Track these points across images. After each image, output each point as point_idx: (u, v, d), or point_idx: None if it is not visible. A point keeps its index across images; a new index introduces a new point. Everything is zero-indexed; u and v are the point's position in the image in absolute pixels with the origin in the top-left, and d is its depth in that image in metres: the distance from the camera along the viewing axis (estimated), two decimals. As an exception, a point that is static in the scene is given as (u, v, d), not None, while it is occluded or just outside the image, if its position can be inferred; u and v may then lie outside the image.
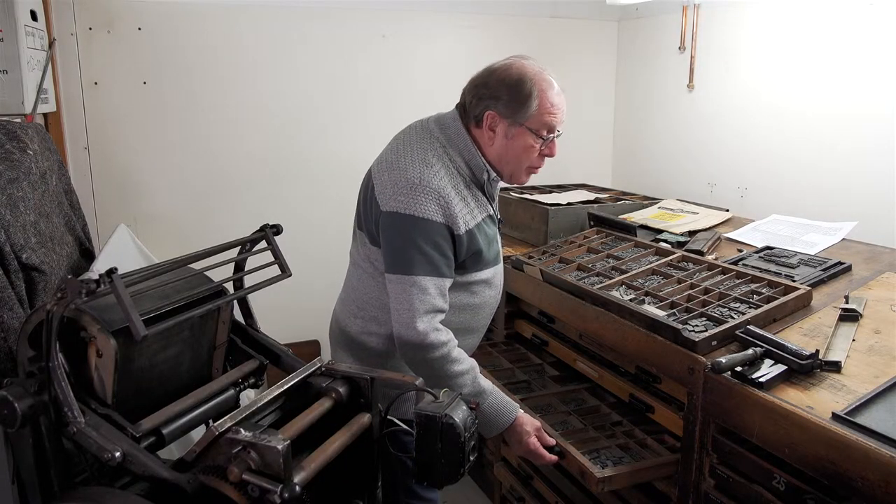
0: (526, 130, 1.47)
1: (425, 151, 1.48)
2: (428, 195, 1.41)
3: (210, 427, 1.03)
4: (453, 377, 1.45)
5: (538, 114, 1.46)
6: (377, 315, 1.56)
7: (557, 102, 1.49)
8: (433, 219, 1.41)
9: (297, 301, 2.64)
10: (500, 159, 1.52)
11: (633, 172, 3.19)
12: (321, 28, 2.64)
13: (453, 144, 1.51)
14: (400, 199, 1.42)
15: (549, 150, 1.53)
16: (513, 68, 1.48)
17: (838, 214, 2.10)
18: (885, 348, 1.34)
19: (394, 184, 1.45)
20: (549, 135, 1.50)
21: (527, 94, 1.45)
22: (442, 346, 1.43)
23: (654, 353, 1.53)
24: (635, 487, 1.64)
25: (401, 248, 1.42)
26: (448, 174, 1.46)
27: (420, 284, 1.41)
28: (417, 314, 1.41)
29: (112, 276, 1.04)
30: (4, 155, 1.53)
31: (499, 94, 1.47)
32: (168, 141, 2.52)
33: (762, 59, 2.44)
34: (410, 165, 1.45)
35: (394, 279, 1.44)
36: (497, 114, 1.47)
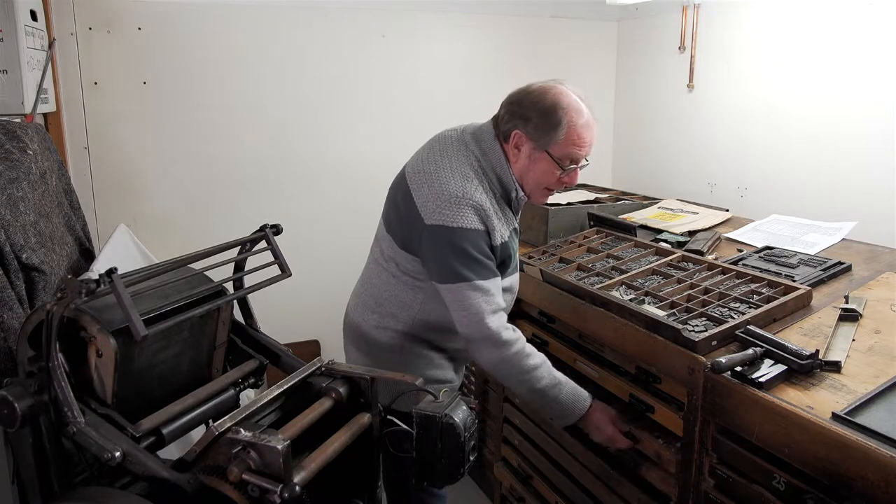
0: (548, 157, 1.50)
1: (462, 164, 1.52)
2: (470, 208, 1.46)
3: (210, 427, 1.03)
4: (530, 370, 1.50)
5: (563, 143, 1.49)
6: (395, 312, 1.61)
7: (585, 136, 1.51)
8: (477, 228, 1.46)
9: (297, 301, 2.64)
10: (520, 177, 1.56)
11: (633, 172, 3.19)
12: (321, 28, 2.65)
13: (487, 159, 1.54)
14: (445, 212, 1.45)
15: (570, 179, 1.56)
16: (549, 93, 1.50)
17: (838, 214, 2.10)
18: (885, 348, 1.33)
19: (436, 197, 1.47)
20: (571, 165, 1.53)
21: (556, 123, 1.47)
22: (516, 342, 1.50)
23: (654, 353, 1.53)
24: (635, 487, 1.64)
25: (453, 259, 1.45)
26: (483, 189, 1.50)
27: (482, 287, 1.46)
28: (486, 315, 1.46)
29: (112, 276, 1.04)
30: (4, 155, 1.53)
31: (529, 115, 1.49)
32: (168, 141, 2.53)
33: (762, 59, 2.44)
34: (451, 179, 1.49)
35: (453, 289, 1.47)
36: (524, 134, 1.50)
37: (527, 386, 1.52)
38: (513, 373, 1.50)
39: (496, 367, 1.52)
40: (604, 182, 3.19)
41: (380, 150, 2.75)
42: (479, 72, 2.89)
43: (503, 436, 2.26)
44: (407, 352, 1.62)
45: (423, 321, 1.60)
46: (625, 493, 1.69)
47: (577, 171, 1.55)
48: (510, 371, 1.50)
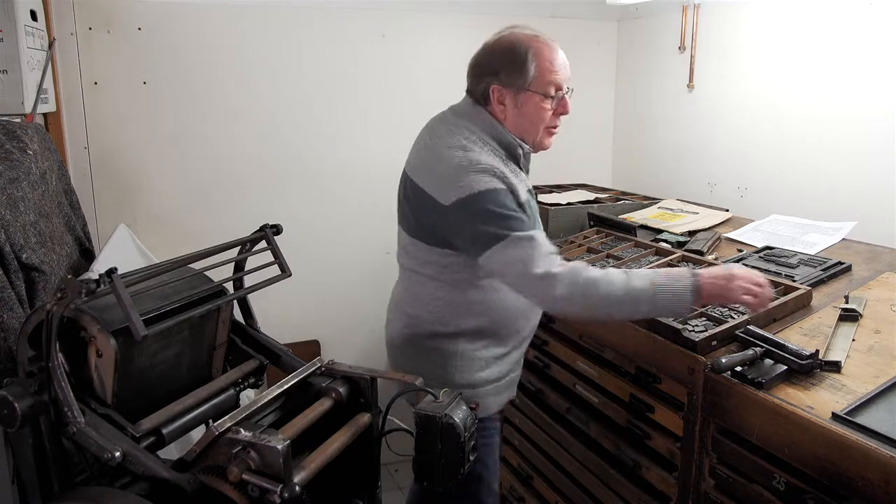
0: (533, 94, 1.47)
1: (457, 139, 1.46)
2: (480, 170, 1.39)
3: (210, 427, 1.03)
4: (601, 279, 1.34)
5: (539, 74, 1.46)
6: (445, 315, 1.54)
7: (556, 59, 1.49)
8: (497, 187, 1.38)
9: (297, 301, 2.64)
10: (517, 130, 1.51)
11: (633, 172, 3.19)
12: (321, 28, 2.64)
13: (478, 126, 1.50)
14: (459, 185, 1.38)
15: (563, 107, 1.53)
16: (503, 39, 1.50)
17: (838, 214, 2.10)
18: (885, 348, 1.34)
19: (445, 177, 1.42)
20: (558, 92, 1.50)
21: (523, 59, 1.45)
22: (578, 272, 1.35)
23: (654, 353, 1.53)
24: (635, 487, 1.64)
25: (483, 224, 1.37)
26: (489, 154, 1.45)
27: (523, 237, 1.35)
28: (536, 260, 1.34)
29: (112, 276, 1.04)
30: (4, 155, 1.53)
31: (496, 66, 1.47)
32: (168, 141, 2.52)
33: (762, 59, 2.44)
34: (451, 154, 1.43)
35: (494, 252, 1.36)
36: (500, 86, 1.47)
37: (614, 297, 1.34)
38: (600, 305, 1.34)
39: (571, 301, 1.35)
40: (604, 182, 3.19)
41: (380, 149, 2.75)
42: (479, 72, 2.89)
43: (503, 436, 2.26)
44: (458, 355, 1.56)
45: (473, 316, 1.54)
46: (625, 493, 1.69)
47: (567, 99, 1.53)
48: (585, 293, 1.33)
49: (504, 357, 1.61)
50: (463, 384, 1.54)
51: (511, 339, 1.62)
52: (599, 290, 1.34)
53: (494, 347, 1.59)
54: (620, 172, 3.28)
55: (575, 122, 3.22)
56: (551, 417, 1.98)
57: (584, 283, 1.34)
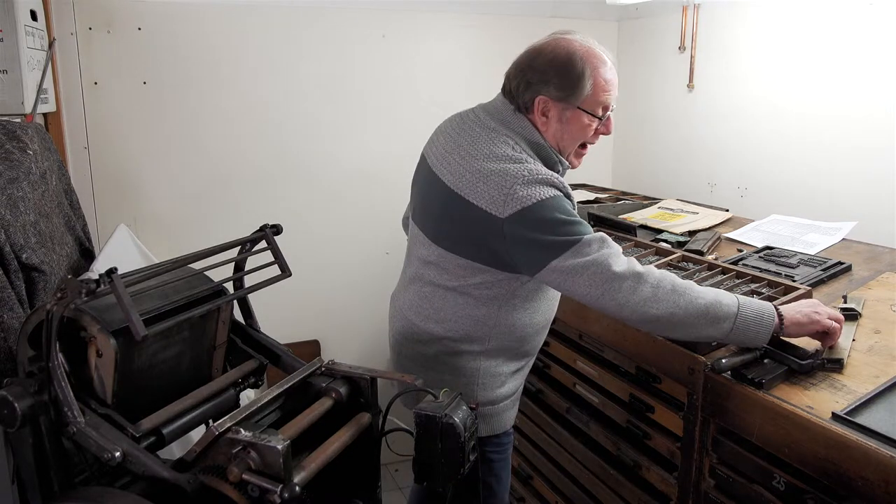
0: (581, 112, 1.41)
1: (503, 148, 1.38)
2: (542, 182, 1.32)
3: (210, 427, 1.03)
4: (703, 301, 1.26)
5: (594, 94, 1.40)
6: (472, 331, 1.48)
7: (611, 79, 1.43)
8: (556, 194, 1.32)
9: (297, 301, 2.64)
10: (556, 144, 1.45)
11: (633, 172, 3.19)
12: (321, 28, 2.64)
13: (520, 136, 1.42)
14: (517, 196, 1.30)
15: (606, 128, 1.47)
16: (561, 47, 1.40)
17: (838, 214, 2.11)
18: (885, 348, 1.34)
19: (501, 187, 1.31)
20: (606, 113, 1.45)
21: (579, 75, 1.38)
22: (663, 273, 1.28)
23: (654, 353, 1.53)
24: (635, 487, 1.64)
25: (546, 234, 1.29)
26: (539, 164, 1.38)
27: (596, 239, 1.29)
28: (613, 262, 1.26)
29: (112, 276, 1.04)
30: (4, 155, 1.53)
31: (548, 77, 1.39)
32: (168, 141, 2.52)
33: (762, 59, 2.44)
34: (503, 165, 1.34)
35: (562, 260, 1.28)
36: (549, 98, 1.40)
37: (699, 305, 1.26)
38: (676, 296, 1.26)
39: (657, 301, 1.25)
40: (604, 182, 3.19)
41: (380, 149, 2.75)
42: (480, 72, 2.89)
43: (503, 436, 2.26)
44: (482, 373, 1.51)
45: (500, 335, 1.49)
46: (625, 493, 1.69)
47: (612, 118, 1.47)
48: (673, 295, 1.26)
49: (519, 371, 1.60)
50: (484, 402, 1.51)
51: (528, 355, 1.60)
52: (686, 296, 1.26)
53: (512, 363, 1.56)
54: (620, 172, 3.28)
55: (575, 122, 3.25)
56: (551, 417, 1.98)
57: (671, 285, 1.27)
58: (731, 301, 1.28)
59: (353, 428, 1.21)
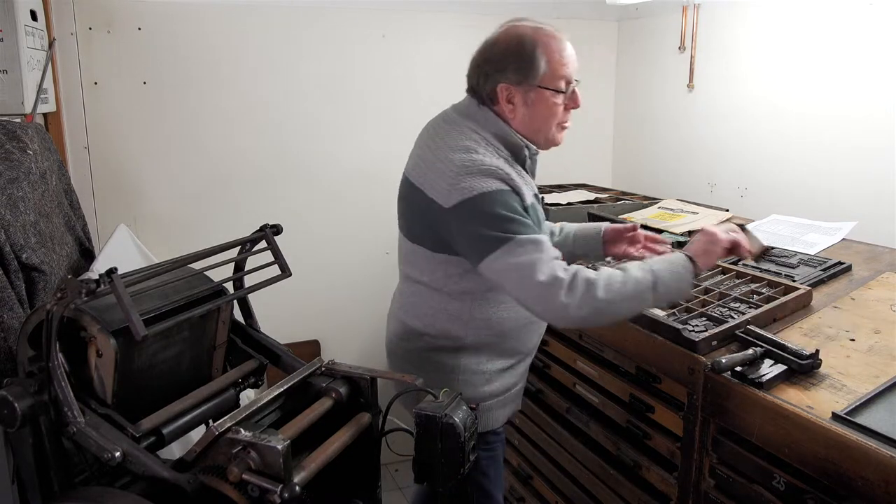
0: (544, 90, 1.41)
1: (460, 139, 1.41)
2: (485, 173, 1.33)
3: (210, 427, 1.03)
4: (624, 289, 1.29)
5: (550, 69, 1.40)
6: (447, 328, 1.49)
7: (565, 51, 1.42)
8: (501, 188, 1.32)
9: (297, 301, 2.64)
10: (528, 128, 1.45)
11: (633, 172, 3.19)
12: (321, 28, 2.64)
13: (484, 128, 1.44)
14: (459, 186, 1.32)
15: (574, 101, 1.46)
16: (508, 33, 1.43)
17: (838, 214, 2.11)
18: (885, 348, 1.34)
19: (444, 178, 1.35)
20: (569, 86, 1.43)
21: (531, 54, 1.39)
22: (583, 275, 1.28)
23: (654, 353, 1.53)
24: (635, 487, 1.64)
25: (485, 228, 1.30)
26: (491, 155, 1.39)
27: (528, 241, 1.29)
28: (537, 268, 1.27)
29: (112, 276, 1.04)
30: (4, 155, 1.53)
31: (504, 64, 1.41)
32: (168, 141, 2.52)
33: (762, 59, 2.44)
34: (453, 155, 1.37)
35: (497, 257, 1.29)
36: (509, 84, 1.41)
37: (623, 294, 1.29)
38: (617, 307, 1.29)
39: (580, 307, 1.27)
40: (604, 182, 3.19)
41: (380, 149, 2.75)
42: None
43: (503, 436, 2.26)
44: (461, 369, 1.51)
45: (477, 329, 1.49)
46: (625, 493, 1.69)
47: (577, 91, 1.46)
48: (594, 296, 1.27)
49: (509, 369, 1.57)
50: (467, 399, 1.51)
51: (517, 352, 1.58)
52: (610, 291, 1.28)
53: (499, 360, 1.54)
54: (620, 172, 3.28)
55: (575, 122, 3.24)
56: (551, 417, 1.98)
57: (592, 285, 1.28)
58: (646, 275, 1.31)
59: (353, 428, 1.21)
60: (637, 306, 1.34)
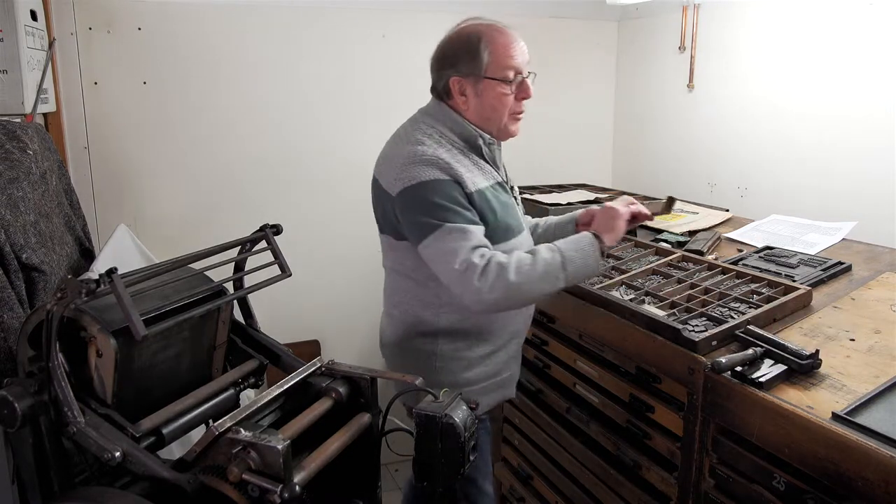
0: (491, 80, 1.49)
1: (413, 134, 1.52)
2: (425, 162, 1.43)
3: (210, 427, 1.03)
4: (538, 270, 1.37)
5: (494, 60, 1.48)
6: (419, 313, 1.55)
7: (510, 43, 1.50)
8: (440, 178, 1.42)
9: (297, 301, 2.64)
10: (481, 118, 1.53)
11: (633, 172, 3.19)
12: (321, 28, 2.64)
13: (440, 121, 1.54)
14: (403, 176, 1.43)
15: (524, 91, 1.53)
16: (459, 30, 1.54)
17: (838, 214, 2.10)
18: (885, 348, 1.34)
19: (393, 168, 1.47)
20: (517, 76, 1.51)
21: (476, 46, 1.48)
22: (494, 260, 1.35)
23: (654, 353, 1.53)
24: (635, 487, 1.64)
25: (422, 213, 1.40)
26: (439, 145, 1.48)
27: (455, 229, 1.37)
28: (457, 255, 1.35)
29: (112, 276, 1.04)
30: (4, 155, 1.53)
31: (455, 59, 1.51)
32: (168, 141, 2.52)
33: (762, 59, 2.44)
34: (403, 148, 1.49)
35: (428, 244, 1.39)
36: (460, 77, 1.50)
37: (532, 276, 1.37)
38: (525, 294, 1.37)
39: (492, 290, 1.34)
40: (604, 182, 3.19)
41: (379, 149, 2.74)
42: (479, 72, 2.89)
43: (503, 436, 2.26)
44: (439, 356, 1.56)
45: (449, 315, 1.54)
46: (625, 494, 1.69)
47: (528, 82, 1.53)
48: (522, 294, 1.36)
49: (491, 356, 1.60)
50: (446, 385, 1.52)
51: (496, 337, 1.60)
52: (521, 273, 1.35)
53: (478, 346, 1.57)
54: (620, 172, 3.28)
55: (575, 122, 3.26)
56: (551, 417, 1.98)
57: (501, 270, 1.35)
58: (555, 255, 1.39)
59: (353, 428, 1.21)
60: (549, 286, 1.40)
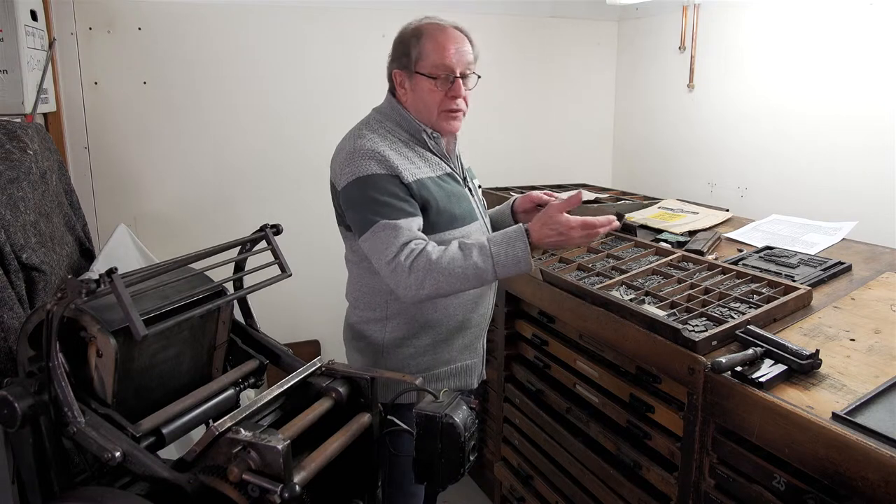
0: (421, 76, 1.52)
1: (359, 128, 1.56)
2: (364, 156, 1.46)
3: (210, 427, 1.03)
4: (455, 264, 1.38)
5: (423, 57, 1.51)
6: (371, 300, 1.59)
7: (445, 42, 1.52)
8: (376, 172, 1.45)
9: (297, 301, 2.64)
10: (416, 111, 1.56)
11: (633, 172, 3.19)
12: (321, 28, 2.64)
13: (386, 115, 1.59)
14: (345, 170, 1.47)
15: (455, 91, 1.54)
16: (407, 27, 1.57)
17: (838, 214, 2.10)
18: (885, 348, 1.33)
19: (338, 163, 1.52)
20: (449, 75, 1.52)
21: (409, 42, 1.52)
22: (422, 256, 1.38)
23: (654, 353, 1.53)
24: (635, 487, 1.64)
25: (361, 209, 1.45)
26: (382, 138, 1.51)
27: (388, 226, 1.41)
28: (388, 251, 1.40)
29: (112, 276, 1.04)
30: (4, 155, 1.53)
31: (396, 52, 1.57)
32: (168, 141, 2.53)
33: (762, 59, 2.44)
34: (348, 143, 1.53)
35: (365, 239, 1.44)
36: (398, 70, 1.55)
37: (459, 275, 1.39)
38: (442, 285, 1.38)
39: (421, 285, 1.38)
40: (604, 182, 3.19)
41: (380, 150, 2.75)
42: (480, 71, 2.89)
43: (503, 436, 2.26)
44: (394, 347, 1.58)
45: (397, 302, 1.56)
46: (625, 493, 1.69)
47: (460, 82, 1.53)
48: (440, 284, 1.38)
49: (442, 344, 1.61)
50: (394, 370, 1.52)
51: (446, 326, 1.61)
52: (449, 273, 1.37)
53: (425, 335, 1.59)
54: (620, 172, 3.28)
55: (575, 122, 3.26)
56: (551, 417, 1.98)
57: (426, 267, 1.37)
58: (484, 261, 1.40)
59: (353, 428, 1.21)
60: (477, 278, 1.41)
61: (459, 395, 1.23)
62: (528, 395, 2.10)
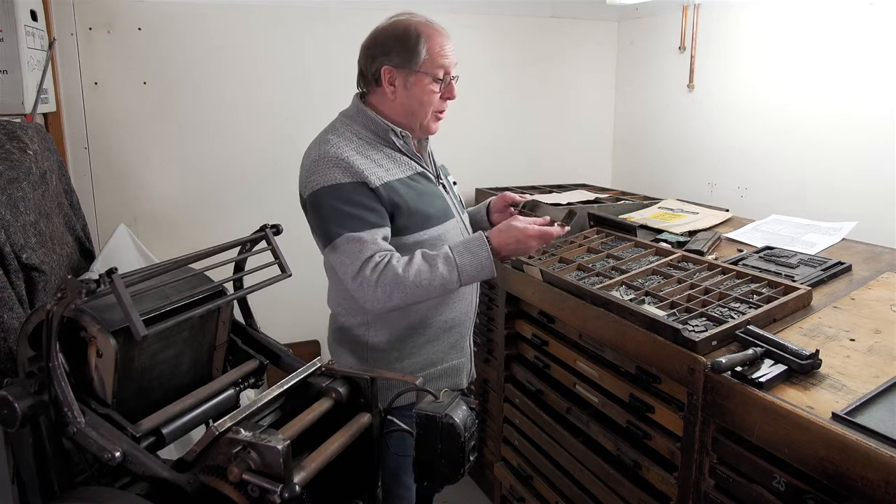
0: (423, 76, 1.52)
1: (325, 134, 1.56)
2: (328, 164, 1.46)
3: (210, 427, 1.03)
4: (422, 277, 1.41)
5: (431, 57, 1.52)
6: (352, 307, 1.59)
7: (446, 44, 1.55)
8: (341, 181, 1.45)
9: (297, 301, 2.64)
10: (405, 110, 1.56)
11: (633, 172, 3.19)
12: (321, 28, 2.64)
13: (352, 118, 1.58)
14: (310, 179, 1.47)
15: (449, 92, 1.57)
16: (397, 23, 1.56)
17: (838, 214, 2.10)
18: (885, 348, 1.33)
19: (303, 171, 1.52)
20: (447, 76, 1.55)
21: (415, 41, 1.51)
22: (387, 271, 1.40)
23: (654, 353, 1.53)
24: (635, 487, 1.64)
25: (325, 220, 1.45)
26: (347, 142, 1.51)
27: (353, 238, 1.42)
28: (353, 265, 1.41)
29: (112, 276, 1.04)
30: (4, 155, 1.53)
31: (389, 48, 1.53)
32: (168, 141, 2.53)
33: (762, 59, 2.44)
34: (313, 150, 1.53)
35: (328, 252, 1.46)
36: (392, 67, 1.52)
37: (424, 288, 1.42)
38: (409, 296, 1.41)
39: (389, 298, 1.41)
40: (604, 182, 3.19)
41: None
42: (479, 72, 2.89)
43: (503, 436, 2.26)
44: (373, 347, 1.60)
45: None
46: (625, 493, 1.69)
47: (453, 83, 1.57)
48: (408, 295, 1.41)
49: (426, 345, 1.61)
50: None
51: (429, 327, 1.61)
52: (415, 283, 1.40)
53: (408, 337, 1.60)
54: (620, 172, 3.28)
55: (575, 122, 3.26)
56: (551, 417, 1.98)
57: (393, 282, 1.40)
58: (450, 271, 1.42)
59: (353, 428, 1.21)
60: (443, 287, 1.44)
61: (459, 395, 1.23)
62: (528, 395, 2.10)
